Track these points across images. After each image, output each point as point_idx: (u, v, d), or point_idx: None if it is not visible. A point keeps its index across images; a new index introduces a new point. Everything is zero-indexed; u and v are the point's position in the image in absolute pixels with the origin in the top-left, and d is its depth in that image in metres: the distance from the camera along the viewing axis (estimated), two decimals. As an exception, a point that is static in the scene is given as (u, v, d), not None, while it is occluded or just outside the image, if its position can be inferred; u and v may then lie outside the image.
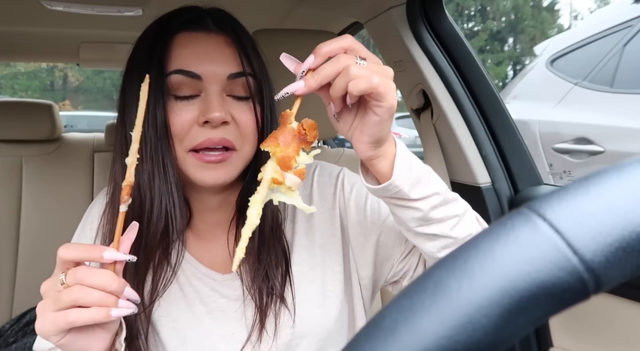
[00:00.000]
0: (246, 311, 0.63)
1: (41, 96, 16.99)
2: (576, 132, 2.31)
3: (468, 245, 0.21)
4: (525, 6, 15.38)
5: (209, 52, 0.58)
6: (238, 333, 0.63)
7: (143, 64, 0.58)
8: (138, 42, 0.63)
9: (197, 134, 0.57)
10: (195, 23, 0.60)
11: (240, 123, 0.59)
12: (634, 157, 0.21)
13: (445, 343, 0.19)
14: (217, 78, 0.58)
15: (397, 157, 0.52)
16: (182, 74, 0.57)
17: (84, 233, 0.70)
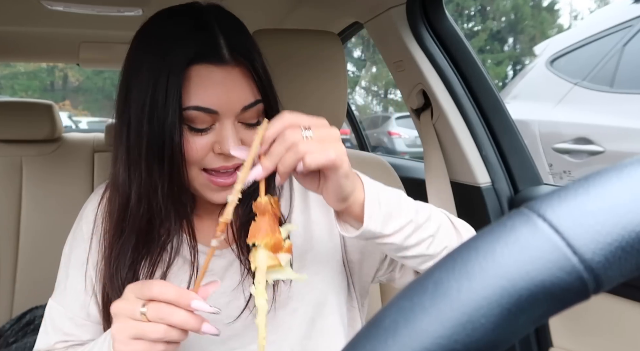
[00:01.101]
0: (244, 281, 0.66)
1: (41, 96, 17.00)
2: (576, 132, 2.32)
3: (468, 245, 0.21)
4: (525, 6, 15.38)
5: (225, 86, 0.57)
6: (236, 300, 0.65)
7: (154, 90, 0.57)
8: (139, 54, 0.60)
9: (212, 160, 0.59)
10: (211, 53, 0.57)
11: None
12: (634, 157, 0.21)
13: (444, 343, 0.19)
14: (233, 111, 0.58)
15: (366, 201, 0.54)
16: (199, 110, 0.57)
17: (79, 229, 0.71)
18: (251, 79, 0.59)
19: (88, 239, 0.68)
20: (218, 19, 0.60)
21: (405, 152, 7.75)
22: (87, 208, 0.72)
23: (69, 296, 0.68)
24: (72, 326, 0.67)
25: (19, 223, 1.62)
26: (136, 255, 0.63)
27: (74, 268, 0.68)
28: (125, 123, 0.60)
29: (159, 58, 0.56)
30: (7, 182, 1.63)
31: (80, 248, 0.69)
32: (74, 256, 0.69)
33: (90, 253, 0.68)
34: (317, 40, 1.04)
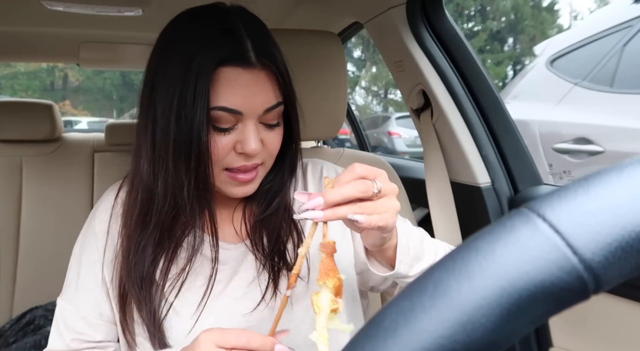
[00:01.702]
0: (259, 276, 0.67)
1: (41, 96, 17.00)
2: (576, 132, 2.31)
3: (468, 246, 0.21)
4: (525, 6, 15.37)
5: (251, 89, 0.59)
6: (251, 293, 0.66)
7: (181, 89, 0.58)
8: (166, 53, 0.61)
9: (233, 159, 0.61)
10: (239, 57, 0.58)
11: (270, 146, 0.64)
12: (634, 157, 0.21)
13: (444, 343, 0.19)
14: (256, 112, 0.60)
15: (398, 246, 0.57)
16: (225, 111, 0.58)
17: (91, 229, 0.71)
18: (275, 81, 0.61)
19: (102, 238, 0.69)
20: (243, 21, 0.61)
21: (405, 152, 7.75)
22: (99, 208, 0.73)
23: (81, 296, 0.68)
24: (84, 325, 0.67)
25: (19, 223, 1.62)
26: (159, 250, 0.65)
27: (85, 268, 0.69)
28: (151, 120, 0.61)
29: (187, 60, 0.57)
30: (7, 182, 1.63)
31: (92, 247, 0.69)
32: (85, 256, 0.69)
33: (105, 251, 0.68)
34: (317, 40, 1.04)
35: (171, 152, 0.59)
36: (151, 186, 0.62)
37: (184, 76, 0.57)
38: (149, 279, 0.64)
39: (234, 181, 0.63)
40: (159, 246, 0.64)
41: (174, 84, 0.58)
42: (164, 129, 0.59)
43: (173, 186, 0.61)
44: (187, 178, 0.60)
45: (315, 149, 1.17)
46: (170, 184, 0.61)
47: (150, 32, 1.50)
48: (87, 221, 0.73)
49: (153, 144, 0.61)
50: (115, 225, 0.69)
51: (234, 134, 0.60)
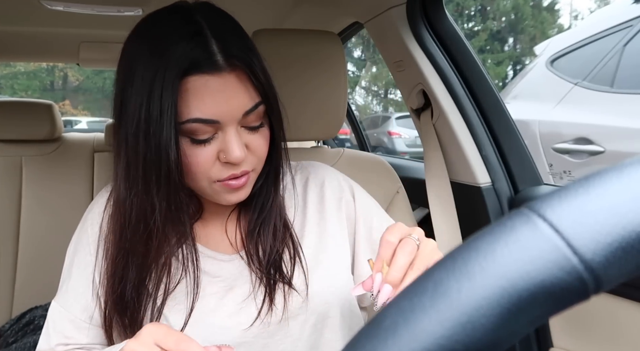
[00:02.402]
0: (255, 288, 0.65)
1: (41, 95, 17.00)
2: (576, 132, 2.31)
3: (468, 246, 0.21)
4: (525, 6, 15.37)
5: (224, 94, 0.55)
6: (247, 308, 0.64)
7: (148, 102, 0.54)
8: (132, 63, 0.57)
9: (220, 170, 0.58)
10: (205, 62, 0.54)
11: (256, 149, 0.60)
12: (634, 157, 0.21)
13: (444, 343, 0.19)
14: (234, 117, 0.56)
15: None
16: (199, 122, 0.55)
17: (84, 230, 0.70)
18: (249, 82, 0.57)
19: (94, 243, 0.67)
20: (209, 20, 0.56)
21: (405, 152, 7.75)
22: (93, 210, 0.71)
23: (71, 298, 0.66)
24: (72, 328, 0.65)
25: (19, 223, 1.62)
26: (142, 274, 0.62)
27: (77, 270, 0.67)
28: (123, 139, 0.58)
29: (151, 73, 0.54)
30: (7, 182, 1.63)
31: (84, 251, 0.67)
32: (77, 258, 0.68)
33: (97, 258, 0.66)
34: (317, 40, 1.04)
35: (141, 174, 0.56)
36: (127, 211, 0.59)
37: (150, 89, 0.53)
38: (135, 303, 0.62)
39: (227, 188, 0.60)
40: (139, 272, 0.62)
41: (140, 99, 0.55)
42: (134, 148, 0.56)
43: (144, 209, 0.58)
44: (158, 200, 0.57)
45: (315, 149, 1.17)
46: (142, 207, 0.58)
47: (150, 32, 1.51)
48: (80, 223, 0.72)
49: (126, 165, 0.58)
50: (106, 232, 0.66)
51: (215, 144, 0.57)
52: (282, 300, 0.64)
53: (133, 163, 0.57)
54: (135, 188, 0.58)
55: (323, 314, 0.66)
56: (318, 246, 0.70)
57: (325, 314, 0.67)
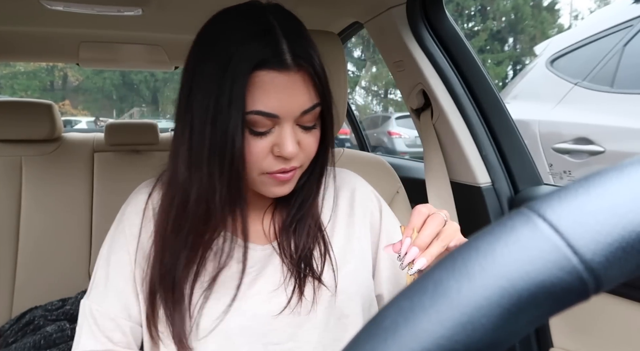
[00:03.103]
0: (285, 279, 0.68)
1: (41, 95, 17.00)
2: (576, 132, 2.31)
3: (468, 246, 0.21)
4: (525, 6, 15.37)
5: (287, 91, 0.58)
6: (277, 297, 0.67)
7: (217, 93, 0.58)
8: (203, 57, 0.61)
9: (271, 163, 0.61)
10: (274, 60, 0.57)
11: (306, 148, 0.63)
12: (634, 157, 0.21)
13: (444, 343, 0.19)
14: (292, 115, 0.60)
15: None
16: (261, 114, 0.58)
17: (120, 230, 0.71)
18: (311, 83, 0.60)
19: (133, 241, 0.69)
20: (279, 20, 0.60)
21: (405, 152, 7.75)
22: (128, 210, 0.72)
23: (111, 297, 0.68)
24: (113, 326, 0.67)
25: (18, 223, 1.62)
26: (192, 254, 0.64)
27: (114, 269, 0.69)
28: (188, 124, 0.61)
29: (223, 63, 0.57)
30: (7, 182, 1.63)
31: (122, 250, 0.69)
32: (114, 258, 0.69)
33: (137, 253, 0.68)
34: (317, 41, 1.04)
35: (206, 157, 0.59)
36: (187, 190, 0.62)
37: (220, 80, 0.57)
38: (181, 282, 0.64)
39: (274, 181, 0.63)
40: (192, 250, 0.64)
41: (210, 87, 0.58)
42: (200, 132, 0.59)
43: (206, 191, 0.61)
44: (220, 182, 0.60)
45: (315, 149, 1.17)
46: (204, 188, 0.61)
47: (150, 32, 1.51)
48: (115, 222, 0.73)
49: (190, 148, 0.61)
50: (146, 228, 0.69)
51: (271, 137, 0.60)
52: (311, 292, 0.67)
53: (198, 147, 0.60)
54: (199, 171, 0.60)
55: (348, 310, 0.70)
56: (346, 247, 0.73)
57: (350, 310, 0.70)
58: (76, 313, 1.53)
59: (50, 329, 1.43)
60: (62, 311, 1.52)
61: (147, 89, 20.14)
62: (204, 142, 0.59)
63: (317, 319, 0.67)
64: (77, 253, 1.68)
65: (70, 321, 1.50)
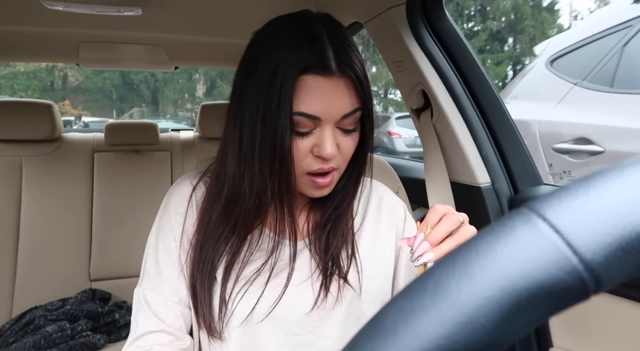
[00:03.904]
0: (313, 275, 0.72)
1: (41, 95, 17.00)
2: (576, 132, 2.31)
3: (468, 246, 0.21)
4: (525, 6, 15.37)
5: (330, 95, 0.62)
6: (304, 291, 0.70)
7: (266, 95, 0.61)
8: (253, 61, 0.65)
9: (311, 162, 0.65)
10: (320, 66, 0.61)
11: (344, 150, 0.67)
12: (634, 157, 0.21)
13: (444, 343, 0.19)
14: (333, 118, 0.63)
15: None
16: (304, 116, 0.61)
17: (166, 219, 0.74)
18: (354, 89, 0.63)
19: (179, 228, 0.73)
20: (327, 29, 0.64)
21: (405, 153, 7.75)
22: (173, 199, 0.76)
23: (162, 282, 0.72)
24: (166, 310, 0.71)
25: (19, 223, 1.62)
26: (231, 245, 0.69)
27: (163, 256, 0.73)
28: (239, 120, 0.65)
29: (273, 66, 0.61)
30: (7, 182, 1.63)
31: (168, 236, 0.73)
32: (162, 245, 0.73)
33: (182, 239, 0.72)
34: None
35: (257, 154, 0.63)
36: (237, 184, 0.66)
37: (270, 82, 0.61)
38: (217, 270, 0.69)
39: (314, 184, 0.67)
40: (232, 241, 0.69)
41: (261, 88, 0.62)
42: (251, 131, 0.63)
43: (258, 186, 0.65)
44: (271, 179, 0.64)
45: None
46: (255, 184, 0.65)
47: (150, 32, 1.51)
48: (160, 212, 0.76)
49: (240, 144, 0.65)
50: (190, 217, 0.72)
51: (312, 138, 0.64)
52: (336, 289, 0.71)
53: (248, 145, 0.64)
54: (250, 166, 0.64)
55: (368, 311, 0.74)
56: (371, 251, 0.76)
57: (370, 311, 0.74)
58: (76, 313, 1.53)
59: (51, 329, 1.43)
60: (62, 311, 1.52)
61: (147, 89, 20.13)
62: (254, 140, 0.63)
63: (339, 316, 0.71)
64: (77, 253, 1.68)
65: (70, 321, 1.50)
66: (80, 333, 1.47)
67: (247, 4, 1.19)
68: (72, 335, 1.46)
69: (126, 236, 1.74)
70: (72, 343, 1.42)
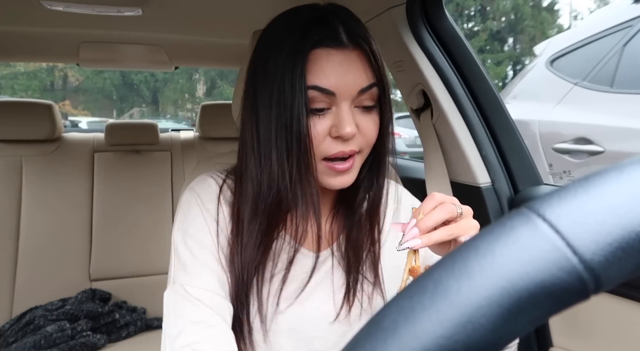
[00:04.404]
0: (335, 288, 0.69)
1: (41, 96, 16.98)
2: (576, 132, 2.31)
3: (468, 245, 0.21)
4: (525, 6, 15.37)
5: (343, 68, 0.60)
6: (325, 304, 0.68)
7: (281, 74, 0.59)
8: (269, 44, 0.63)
9: (330, 145, 0.62)
10: (331, 39, 0.60)
11: (366, 132, 0.63)
12: (634, 157, 0.21)
13: (444, 343, 0.19)
14: (349, 93, 0.60)
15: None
16: (318, 90, 0.59)
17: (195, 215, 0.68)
18: (368, 62, 0.61)
19: (212, 223, 0.67)
20: (337, 11, 0.63)
21: (405, 152, 7.75)
22: (203, 197, 0.69)
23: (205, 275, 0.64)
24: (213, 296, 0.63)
25: (19, 223, 1.62)
26: (266, 240, 0.65)
27: (200, 250, 0.65)
28: (254, 113, 0.62)
29: (284, 47, 0.59)
30: (7, 182, 1.63)
31: (202, 232, 0.66)
32: (194, 240, 0.66)
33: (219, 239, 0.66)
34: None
35: (274, 141, 0.60)
36: (259, 179, 0.63)
37: (283, 64, 0.59)
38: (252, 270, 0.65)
39: (332, 171, 0.63)
40: (266, 235, 0.65)
41: (273, 73, 0.60)
42: (267, 117, 0.61)
43: (277, 175, 0.61)
44: (289, 164, 0.60)
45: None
46: (274, 173, 0.61)
47: (150, 32, 1.51)
48: (185, 209, 0.69)
49: (257, 137, 0.62)
50: (222, 216, 0.67)
51: (329, 118, 0.61)
52: (359, 302, 0.68)
53: (265, 134, 0.61)
54: (269, 156, 0.61)
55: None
56: (393, 259, 0.73)
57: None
58: (76, 313, 1.53)
59: (51, 329, 1.43)
60: (62, 311, 1.52)
61: (147, 89, 20.12)
62: (270, 126, 0.60)
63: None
64: (77, 253, 1.68)
65: (70, 321, 1.50)
66: (80, 333, 1.47)
67: (248, 4, 1.19)
68: (72, 335, 1.46)
69: (126, 236, 1.74)
70: (72, 343, 1.42)
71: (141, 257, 1.73)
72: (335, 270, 0.69)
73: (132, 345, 1.54)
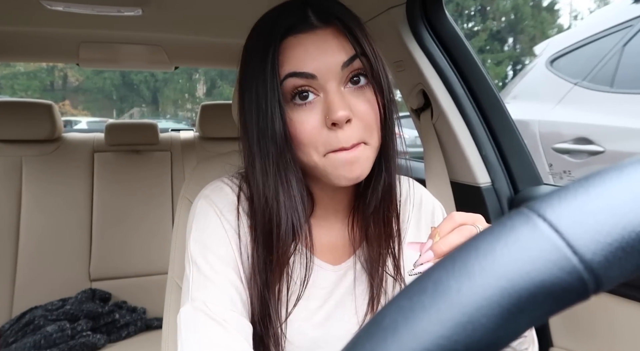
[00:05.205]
0: (357, 301, 0.66)
1: (41, 96, 16.98)
2: (576, 132, 2.31)
3: (468, 245, 0.21)
4: (525, 6, 15.37)
5: (319, 49, 0.56)
6: (347, 323, 0.65)
7: (256, 74, 0.57)
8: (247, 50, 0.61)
9: (330, 138, 0.56)
10: (300, 24, 0.57)
11: (363, 116, 0.57)
12: (634, 157, 0.21)
13: (444, 343, 0.19)
14: (332, 72, 0.56)
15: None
16: (296, 76, 0.56)
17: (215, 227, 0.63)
18: (344, 37, 0.57)
19: (234, 235, 0.63)
20: (310, 2, 0.60)
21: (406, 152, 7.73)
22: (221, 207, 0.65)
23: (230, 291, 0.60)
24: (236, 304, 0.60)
25: (19, 223, 1.62)
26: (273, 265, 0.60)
27: (220, 265, 0.61)
28: (242, 115, 0.61)
29: (260, 47, 0.58)
30: (7, 182, 1.63)
31: (223, 246, 0.62)
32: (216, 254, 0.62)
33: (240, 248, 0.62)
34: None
35: (256, 149, 0.58)
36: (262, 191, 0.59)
37: (258, 57, 0.57)
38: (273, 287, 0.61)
39: (339, 160, 0.57)
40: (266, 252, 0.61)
41: (252, 70, 0.58)
42: (253, 126, 0.58)
43: (261, 182, 0.58)
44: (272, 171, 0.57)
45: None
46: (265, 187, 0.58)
47: (150, 32, 1.51)
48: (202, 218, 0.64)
49: (249, 146, 0.60)
50: (243, 226, 0.63)
51: (319, 107, 0.56)
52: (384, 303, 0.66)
53: (253, 142, 0.59)
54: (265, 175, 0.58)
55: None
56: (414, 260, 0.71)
57: None
58: (76, 313, 1.53)
59: (51, 329, 1.43)
60: (62, 311, 1.52)
61: (147, 89, 20.12)
62: (253, 134, 0.58)
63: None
64: (77, 253, 1.68)
65: (70, 321, 1.50)
66: (80, 333, 1.47)
67: (247, 4, 1.19)
68: (72, 335, 1.46)
69: (126, 236, 1.74)
70: (72, 343, 1.42)
71: (141, 257, 1.73)
72: (357, 283, 0.66)
73: (132, 345, 1.54)
